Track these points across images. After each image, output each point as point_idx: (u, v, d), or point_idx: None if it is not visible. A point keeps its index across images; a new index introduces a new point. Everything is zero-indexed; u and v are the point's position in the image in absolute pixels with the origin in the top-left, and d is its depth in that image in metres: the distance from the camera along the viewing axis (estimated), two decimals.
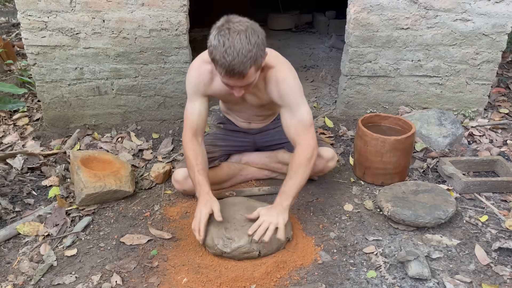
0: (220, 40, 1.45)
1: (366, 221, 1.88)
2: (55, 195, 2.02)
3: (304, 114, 1.74)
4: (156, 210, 1.96)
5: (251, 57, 1.45)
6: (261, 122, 2.09)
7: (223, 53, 1.44)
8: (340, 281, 1.56)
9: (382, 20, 2.48)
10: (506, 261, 1.64)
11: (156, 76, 2.59)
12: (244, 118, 2.08)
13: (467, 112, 2.76)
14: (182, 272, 1.59)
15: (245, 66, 1.46)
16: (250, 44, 1.44)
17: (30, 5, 2.32)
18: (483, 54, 2.57)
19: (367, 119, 2.17)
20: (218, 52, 1.45)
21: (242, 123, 2.10)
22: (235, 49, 1.43)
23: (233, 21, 1.47)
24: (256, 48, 1.46)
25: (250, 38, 1.45)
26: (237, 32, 1.44)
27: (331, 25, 4.72)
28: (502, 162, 2.18)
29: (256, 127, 2.10)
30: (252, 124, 2.09)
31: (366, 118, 2.16)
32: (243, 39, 1.44)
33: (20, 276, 1.59)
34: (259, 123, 2.09)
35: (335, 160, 2.02)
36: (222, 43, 1.44)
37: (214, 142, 2.10)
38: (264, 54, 1.54)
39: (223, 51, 1.44)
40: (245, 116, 2.05)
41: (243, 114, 2.05)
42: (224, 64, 1.45)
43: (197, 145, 1.83)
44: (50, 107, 2.62)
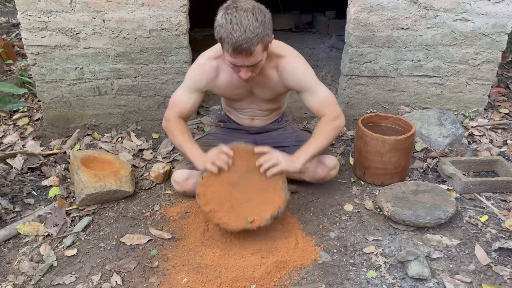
0: (227, 18, 1.49)
1: (366, 221, 1.88)
2: (55, 195, 2.02)
3: (325, 94, 1.82)
4: (156, 210, 1.96)
5: (258, 34, 1.49)
6: (264, 118, 2.09)
7: (231, 30, 1.47)
8: (340, 281, 1.56)
9: (382, 20, 2.48)
10: (506, 261, 1.64)
11: (156, 76, 2.59)
12: (247, 115, 2.07)
13: (467, 112, 2.76)
14: (182, 272, 1.59)
15: (252, 42, 1.49)
16: (257, 22, 1.49)
17: (30, 5, 2.32)
18: (483, 54, 2.57)
19: (367, 119, 2.17)
20: (226, 30, 1.49)
21: (245, 120, 2.09)
22: (242, 26, 1.47)
23: (239, 0, 1.52)
24: (262, 26, 1.50)
25: (257, 16, 1.49)
26: (244, 10, 1.48)
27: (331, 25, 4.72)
28: (502, 162, 2.18)
29: (258, 125, 2.10)
30: (255, 120, 2.09)
31: (366, 118, 2.16)
32: (250, 17, 1.48)
33: (20, 276, 1.59)
34: (262, 120, 2.09)
35: (337, 169, 2.03)
36: (229, 20, 1.48)
37: (214, 142, 2.09)
38: (271, 34, 1.58)
39: (230, 28, 1.47)
40: (249, 112, 2.05)
41: (247, 110, 2.04)
42: (232, 41, 1.49)
43: (183, 122, 1.86)
44: (50, 107, 2.62)
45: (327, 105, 1.81)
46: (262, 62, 1.63)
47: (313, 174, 2.01)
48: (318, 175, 2.00)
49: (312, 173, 2.00)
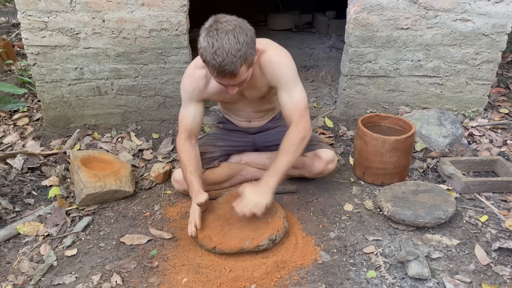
0: (209, 41, 1.46)
1: (366, 221, 1.88)
2: (55, 195, 2.02)
3: (299, 97, 1.76)
4: (156, 210, 1.96)
5: (240, 56, 1.47)
6: (260, 119, 2.09)
7: (213, 55, 1.46)
8: (340, 281, 1.56)
9: (382, 20, 2.48)
10: (506, 261, 1.64)
11: (156, 76, 2.59)
12: (243, 117, 2.08)
13: (467, 112, 2.76)
14: (182, 272, 1.59)
15: (235, 66, 1.48)
16: (239, 43, 1.46)
17: (30, 5, 2.32)
18: (483, 54, 2.57)
19: (367, 119, 2.17)
20: (208, 54, 1.47)
21: (242, 122, 2.10)
22: (224, 50, 1.45)
23: (220, 21, 1.48)
24: (245, 46, 1.48)
25: (239, 37, 1.46)
26: (225, 32, 1.45)
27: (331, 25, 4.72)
28: (502, 162, 2.18)
29: (256, 126, 2.11)
30: (252, 122, 2.09)
31: (366, 118, 2.16)
32: (232, 39, 1.45)
33: (20, 276, 1.59)
34: (258, 121, 2.10)
35: (335, 162, 2.02)
36: (211, 44, 1.46)
37: (214, 142, 2.10)
38: (255, 52, 1.56)
39: (212, 52, 1.46)
40: (245, 114, 2.06)
41: (242, 113, 2.05)
42: (215, 65, 1.47)
43: (190, 147, 1.86)
44: (50, 107, 2.62)
45: (298, 112, 1.75)
46: (248, 78, 1.62)
47: (311, 169, 2.01)
48: (316, 170, 2.00)
49: (309, 168, 2.01)
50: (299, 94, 1.76)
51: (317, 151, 1.99)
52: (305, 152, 2.02)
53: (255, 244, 1.63)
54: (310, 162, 2.00)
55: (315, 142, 2.06)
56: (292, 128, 1.76)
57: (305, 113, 1.77)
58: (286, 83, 1.75)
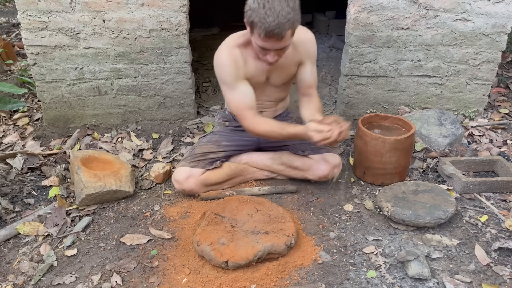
0: (260, 2, 1.52)
1: (366, 221, 1.88)
2: (55, 195, 2.02)
3: (315, 76, 1.98)
4: (156, 210, 1.96)
5: (289, 19, 1.54)
6: (272, 110, 2.11)
7: (264, 15, 1.51)
8: (340, 281, 1.56)
9: (382, 20, 2.48)
10: (506, 261, 1.64)
11: (156, 76, 2.59)
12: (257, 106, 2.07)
13: (467, 112, 2.76)
14: (182, 272, 1.59)
15: (284, 28, 1.54)
16: (289, 7, 1.53)
17: (30, 5, 2.32)
18: (483, 54, 2.57)
19: (367, 119, 2.17)
20: (258, 14, 1.53)
21: None
22: (275, 11, 1.51)
23: None
24: (293, 11, 1.55)
25: (289, 1, 1.54)
26: None
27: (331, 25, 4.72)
28: (502, 162, 2.18)
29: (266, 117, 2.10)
30: (264, 113, 2.08)
31: (366, 118, 2.16)
32: (282, 2, 1.52)
33: (20, 276, 1.59)
34: (270, 112, 2.11)
35: (340, 167, 2.04)
36: (262, 5, 1.52)
37: (218, 141, 2.10)
38: (300, 19, 1.62)
39: (263, 13, 1.51)
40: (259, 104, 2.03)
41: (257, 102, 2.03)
42: (264, 25, 1.53)
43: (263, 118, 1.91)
44: (50, 107, 2.62)
45: (315, 85, 1.98)
46: (289, 46, 1.69)
47: (316, 172, 2.01)
48: (321, 173, 2.00)
49: (315, 171, 2.01)
50: (315, 74, 1.98)
51: (325, 155, 2.00)
52: (311, 155, 2.02)
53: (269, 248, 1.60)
54: (316, 165, 2.01)
55: (321, 146, 2.06)
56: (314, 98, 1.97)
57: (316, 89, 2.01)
58: (312, 59, 1.93)
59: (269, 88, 1.98)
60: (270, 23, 1.51)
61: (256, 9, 1.53)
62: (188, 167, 1.99)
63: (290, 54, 1.83)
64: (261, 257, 1.59)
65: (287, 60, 1.86)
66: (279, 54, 1.69)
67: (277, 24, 1.52)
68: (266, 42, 1.59)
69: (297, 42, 1.83)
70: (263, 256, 1.59)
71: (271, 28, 1.53)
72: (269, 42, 1.59)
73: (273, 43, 1.60)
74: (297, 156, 2.05)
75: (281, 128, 1.83)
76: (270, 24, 1.52)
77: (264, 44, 1.61)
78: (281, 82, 1.98)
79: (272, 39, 1.57)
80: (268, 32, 1.54)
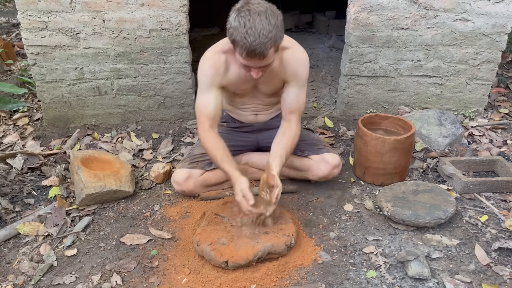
0: (241, 21, 1.47)
1: (366, 221, 1.88)
2: (55, 195, 2.02)
3: (304, 98, 1.88)
4: (156, 210, 1.96)
5: (271, 38, 1.49)
6: (267, 112, 2.09)
7: (244, 34, 1.47)
8: (340, 281, 1.56)
9: (382, 20, 2.48)
10: (506, 261, 1.64)
11: (156, 76, 2.59)
12: (250, 111, 2.06)
13: (467, 112, 2.76)
14: (182, 272, 1.59)
15: (266, 47, 1.49)
16: (270, 25, 1.48)
17: (30, 5, 2.32)
18: (483, 54, 2.57)
19: (367, 119, 2.17)
20: (239, 34, 1.48)
21: (249, 116, 2.08)
22: (256, 30, 1.46)
23: (252, 3, 1.50)
24: (275, 29, 1.50)
25: (270, 19, 1.48)
26: (257, 13, 1.47)
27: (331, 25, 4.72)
28: (502, 162, 2.18)
29: (262, 120, 2.09)
30: (259, 116, 2.08)
31: (366, 118, 2.16)
32: (264, 20, 1.47)
33: (20, 276, 1.59)
34: (265, 114, 2.09)
35: (340, 166, 2.03)
36: (243, 24, 1.47)
37: None
38: (282, 35, 1.58)
39: (244, 32, 1.46)
40: (252, 107, 2.04)
41: (250, 105, 2.03)
42: (246, 45, 1.48)
43: (215, 135, 1.82)
44: (50, 107, 2.62)
45: (299, 111, 1.87)
46: (273, 63, 1.65)
47: (316, 172, 2.01)
48: (321, 173, 2.00)
49: (315, 171, 2.01)
50: (304, 96, 1.86)
51: (324, 155, 2.00)
52: (311, 155, 2.02)
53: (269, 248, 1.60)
54: (316, 165, 2.00)
55: (321, 146, 2.06)
56: (290, 126, 1.85)
57: (300, 115, 1.90)
58: (299, 81, 1.83)
59: (259, 94, 1.96)
60: (252, 42, 1.46)
61: (237, 28, 1.47)
62: (187, 168, 1.99)
63: (276, 68, 1.79)
64: (261, 257, 1.59)
65: (273, 75, 1.81)
66: (264, 70, 1.65)
67: (258, 44, 1.47)
68: (248, 61, 1.56)
69: (286, 60, 1.78)
70: (263, 256, 1.59)
71: (253, 47, 1.47)
72: (252, 61, 1.55)
73: (256, 62, 1.56)
74: (296, 156, 2.05)
75: (221, 159, 1.75)
76: (252, 43, 1.46)
77: (247, 62, 1.57)
78: (271, 91, 1.94)
79: (254, 58, 1.53)
80: (249, 52, 1.49)
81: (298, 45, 1.83)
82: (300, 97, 1.85)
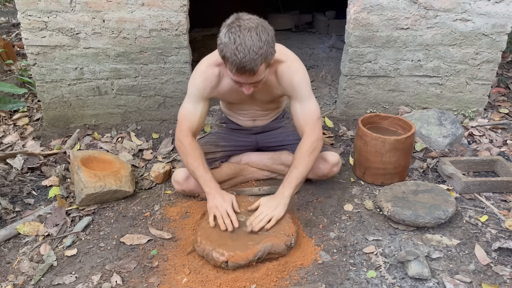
0: (231, 37, 1.46)
1: (366, 221, 1.88)
2: (55, 195, 2.02)
3: (313, 107, 1.80)
4: (156, 210, 1.96)
5: (261, 54, 1.47)
6: (265, 118, 2.09)
7: (234, 51, 1.45)
8: (340, 281, 1.56)
9: (382, 20, 2.48)
10: (506, 261, 1.64)
11: (156, 76, 2.59)
12: (248, 116, 2.07)
13: (467, 112, 2.76)
14: (182, 272, 1.59)
15: (256, 63, 1.47)
16: (261, 41, 1.46)
17: (30, 5, 2.32)
18: (483, 54, 2.57)
19: (367, 119, 2.17)
20: (229, 50, 1.46)
21: (247, 121, 2.09)
22: (246, 47, 1.44)
23: (243, 19, 1.49)
24: (266, 45, 1.48)
25: (261, 35, 1.46)
26: (248, 30, 1.46)
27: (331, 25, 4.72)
28: (502, 162, 2.18)
29: (260, 124, 2.10)
30: (257, 121, 2.09)
31: (366, 118, 2.16)
32: (254, 37, 1.45)
33: (20, 276, 1.59)
34: (263, 119, 2.10)
35: (340, 165, 2.03)
36: (233, 40, 1.45)
37: (216, 142, 2.10)
38: (274, 51, 1.56)
39: (234, 48, 1.45)
40: (250, 114, 2.05)
41: (248, 112, 2.04)
42: (235, 62, 1.47)
43: (195, 142, 1.84)
44: (50, 107, 2.62)
45: (311, 122, 1.79)
46: (264, 78, 1.62)
47: (316, 171, 2.01)
48: (321, 172, 2.00)
49: (315, 170, 2.01)
50: (312, 105, 1.80)
51: (323, 153, 1.99)
52: None
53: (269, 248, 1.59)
54: (316, 164, 1.99)
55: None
56: (305, 139, 1.79)
57: (317, 124, 1.80)
58: (300, 95, 1.78)
59: (256, 102, 1.95)
60: (241, 59, 1.44)
61: (227, 44, 1.46)
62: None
63: (272, 82, 1.77)
64: (261, 257, 1.59)
65: (268, 87, 1.79)
66: (255, 86, 1.63)
67: (248, 60, 1.45)
68: (238, 77, 1.54)
69: (281, 74, 1.75)
70: (263, 256, 1.59)
71: (242, 64, 1.45)
72: (242, 77, 1.54)
73: (246, 78, 1.54)
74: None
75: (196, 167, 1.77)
76: (241, 60, 1.45)
77: (237, 78, 1.56)
78: (268, 100, 1.93)
79: (244, 75, 1.51)
80: (239, 68, 1.48)
81: (294, 58, 1.79)
82: (306, 110, 1.79)
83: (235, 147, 2.13)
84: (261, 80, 1.60)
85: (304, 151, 1.77)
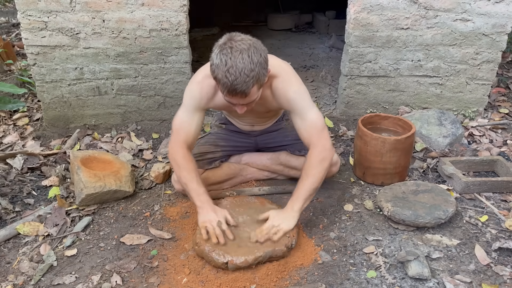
0: (222, 59, 1.43)
1: (366, 221, 1.88)
2: (55, 195, 2.02)
3: (314, 117, 1.73)
4: (156, 210, 1.96)
5: (253, 76, 1.44)
6: (263, 124, 2.09)
7: (225, 73, 1.43)
8: (340, 281, 1.56)
9: (382, 20, 2.48)
10: (506, 261, 1.64)
11: (156, 76, 2.59)
12: (246, 122, 2.07)
13: (467, 112, 2.76)
14: (182, 272, 1.59)
15: (247, 86, 1.45)
16: (253, 63, 1.43)
17: (30, 5, 2.32)
18: (483, 54, 2.57)
19: (367, 119, 2.17)
20: (220, 71, 1.44)
21: (245, 126, 2.09)
22: (238, 69, 1.42)
23: (235, 40, 1.46)
24: (258, 67, 1.45)
25: (253, 57, 1.44)
26: (239, 51, 1.43)
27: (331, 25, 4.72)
28: (502, 162, 2.18)
29: (259, 129, 2.10)
30: (255, 126, 2.09)
31: (366, 118, 2.16)
32: (246, 59, 1.42)
33: (20, 276, 1.59)
34: (262, 125, 2.10)
35: (338, 165, 2.03)
36: (224, 62, 1.43)
37: (216, 142, 2.09)
38: (267, 72, 1.53)
39: (225, 70, 1.43)
40: (248, 121, 2.05)
41: (246, 119, 2.04)
42: (226, 84, 1.44)
43: (192, 157, 1.80)
44: (50, 107, 2.62)
45: (315, 132, 1.73)
46: (257, 98, 1.59)
47: None
48: None
49: None
50: (314, 115, 1.73)
51: None
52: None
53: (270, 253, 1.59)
54: None
55: None
56: (311, 150, 1.73)
57: (322, 133, 1.74)
58: (298, 108, 1.73)
59: (254, 112, 1.91)
60: (232, 81, 1.42)
61: (219, 66, 1.43)
62: None
63: (268, 97, 1.74)
64: (262, 261, 1.59)
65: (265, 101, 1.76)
66: (248, 106, 1.61)
67: (239, 83, 1.43)
68: (231, 98, 1.53)
69: (275, 89, 1.71)
70: (263, 261, 1.59)
71: (234, 86, 1.43)
72: (234, 99, 1.52)
73: (238, 99, 1.52)
74: (294, 156, 2.05)
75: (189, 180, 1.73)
76: (232, 82, 1.42)
77: (229, 99, 1.54)
78: (265, 111, 1.91)
79: (236, 96, 1.49)
80: (231, 91, 1.46)
81: (287, 72, 1.74)
82: (308, 122, 1.73)
83: (234, 147, 2.13)
84: (254, 100, 1.58)
85: (312, 162, 1.72)
